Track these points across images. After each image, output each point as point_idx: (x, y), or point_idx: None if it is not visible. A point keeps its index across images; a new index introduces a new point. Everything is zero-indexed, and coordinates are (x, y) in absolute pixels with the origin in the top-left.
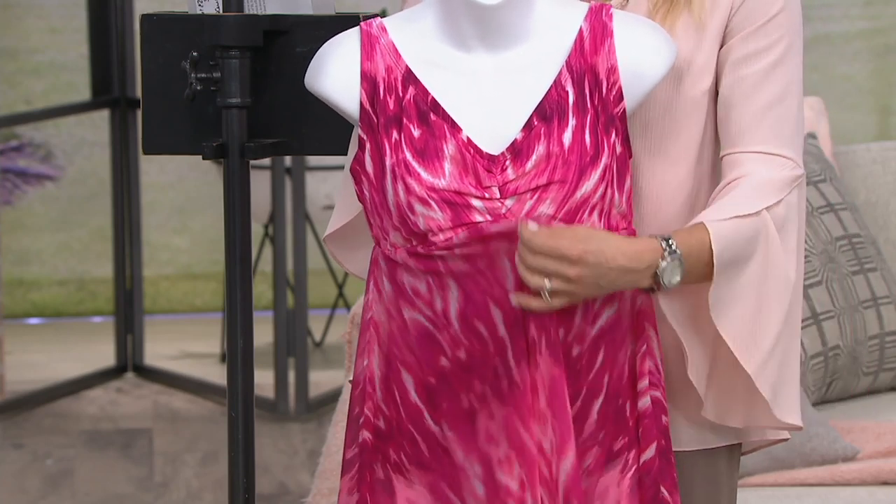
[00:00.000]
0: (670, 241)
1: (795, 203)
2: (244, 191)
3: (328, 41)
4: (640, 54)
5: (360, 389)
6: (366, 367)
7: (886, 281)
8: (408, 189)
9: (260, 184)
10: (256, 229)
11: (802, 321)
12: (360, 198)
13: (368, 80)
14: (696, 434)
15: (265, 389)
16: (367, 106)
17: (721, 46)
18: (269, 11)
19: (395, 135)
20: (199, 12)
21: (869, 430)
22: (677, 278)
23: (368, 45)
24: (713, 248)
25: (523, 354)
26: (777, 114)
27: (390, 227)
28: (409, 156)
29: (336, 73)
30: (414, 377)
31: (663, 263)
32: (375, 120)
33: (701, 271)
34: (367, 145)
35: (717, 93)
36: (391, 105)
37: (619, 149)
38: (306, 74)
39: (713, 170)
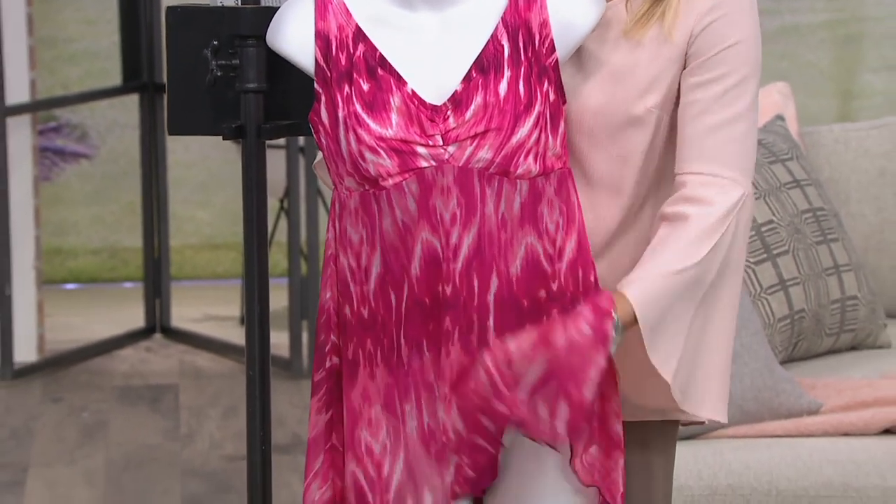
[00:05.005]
0: (617, 323)
1: (728, 241)
2: (261, 168)
3: (286, 2)
4: (571, 6)
5: (325, 318)
6: (329, 299)
7: (847, 250)
8: (358, 139)
9: (276, 162)
10: (273, 203)
11: (771, 287)
12: (319, 145)
13: (322, 38)
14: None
15: (281, 349)
16: (322, 62)
17: (684, 68)
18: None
19: (346, 89)
20: (220, 5)
21: (831, 387)
22: (617, 345)
23: (322, 6)
24: (638, 320)
25: (416, 343)
26: (722, 137)
27: (345, 172)
28: (359, 108)
29: (293, 32)
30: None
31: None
32: (329, 75)
33: (634, 334)
34: (323, 98)
35: (671, 114)
36: (343, 61)
37: (552, 97)
38: (267, 33)
39: (658, 188)
